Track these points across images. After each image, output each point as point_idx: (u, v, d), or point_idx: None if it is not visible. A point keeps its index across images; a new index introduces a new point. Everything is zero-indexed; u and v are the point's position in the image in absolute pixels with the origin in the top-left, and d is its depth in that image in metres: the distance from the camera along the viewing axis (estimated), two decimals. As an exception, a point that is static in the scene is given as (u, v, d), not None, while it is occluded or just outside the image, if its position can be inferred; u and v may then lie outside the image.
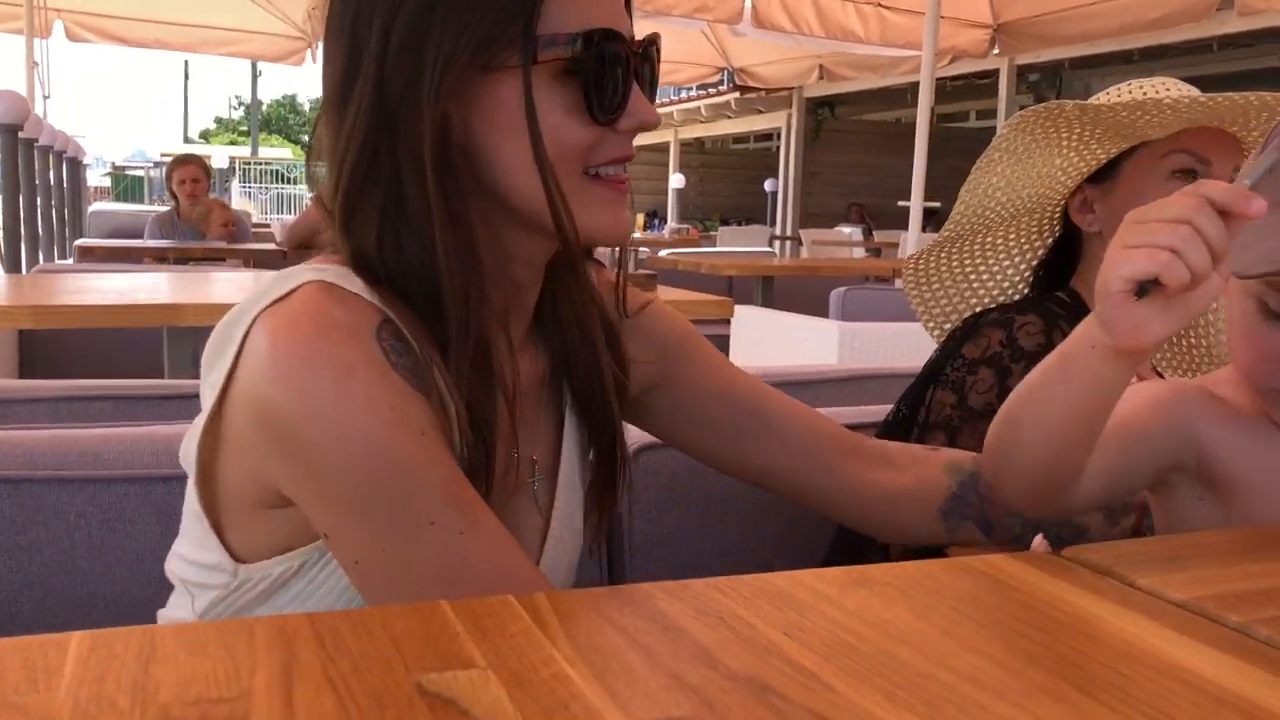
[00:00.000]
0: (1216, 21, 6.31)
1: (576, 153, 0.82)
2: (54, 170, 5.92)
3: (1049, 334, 1.27)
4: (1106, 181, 1.33)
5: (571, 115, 0.81)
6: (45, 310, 2.24)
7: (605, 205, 0.84)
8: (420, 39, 0.78)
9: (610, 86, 0.81)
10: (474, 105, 0.80)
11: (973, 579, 0.70)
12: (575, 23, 0.80)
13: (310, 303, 0.76)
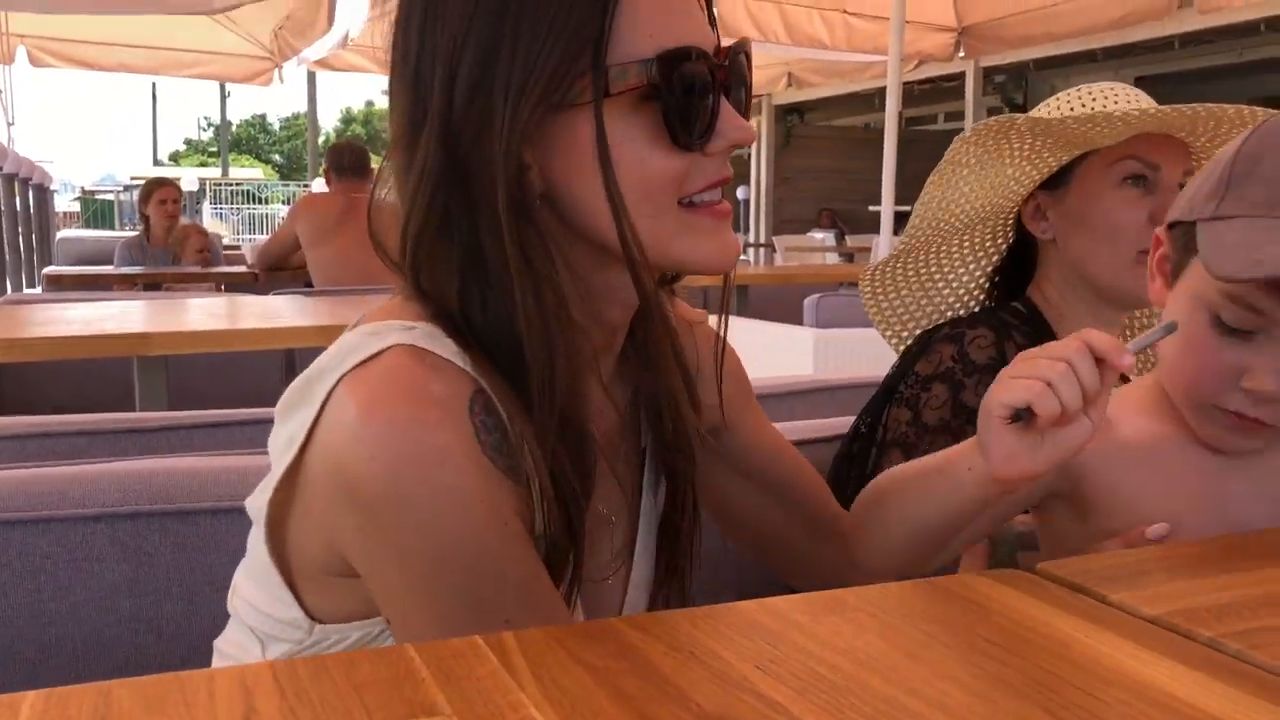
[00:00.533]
0: (1177, 20, 6.37)
1: (668, 184, 0.76)
2: (20, 198, 5.87)
3: (1000, 346, 1.28)
4: (1059, 189, 1.34)
5: (656, 145, 0.75)
6: (15, 343, 2.22)
7: (707, 234, 0.79)
8: (487, 84, 0.73)
9: (695, 109, 0.76)
10: (551, 147, 0.75)
11: (945, 600, 0.69)
12: (649, 45, 0.74)
13: (402, 371, 0.72)
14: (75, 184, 34.70)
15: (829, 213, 13.57)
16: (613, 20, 0.73)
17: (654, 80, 0.74)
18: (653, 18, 0.75)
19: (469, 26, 0.73)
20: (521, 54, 0.72)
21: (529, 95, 0.72)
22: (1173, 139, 1.28)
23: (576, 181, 0.75)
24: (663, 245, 0.77)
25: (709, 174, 0.78)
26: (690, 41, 0.76)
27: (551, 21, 0.72)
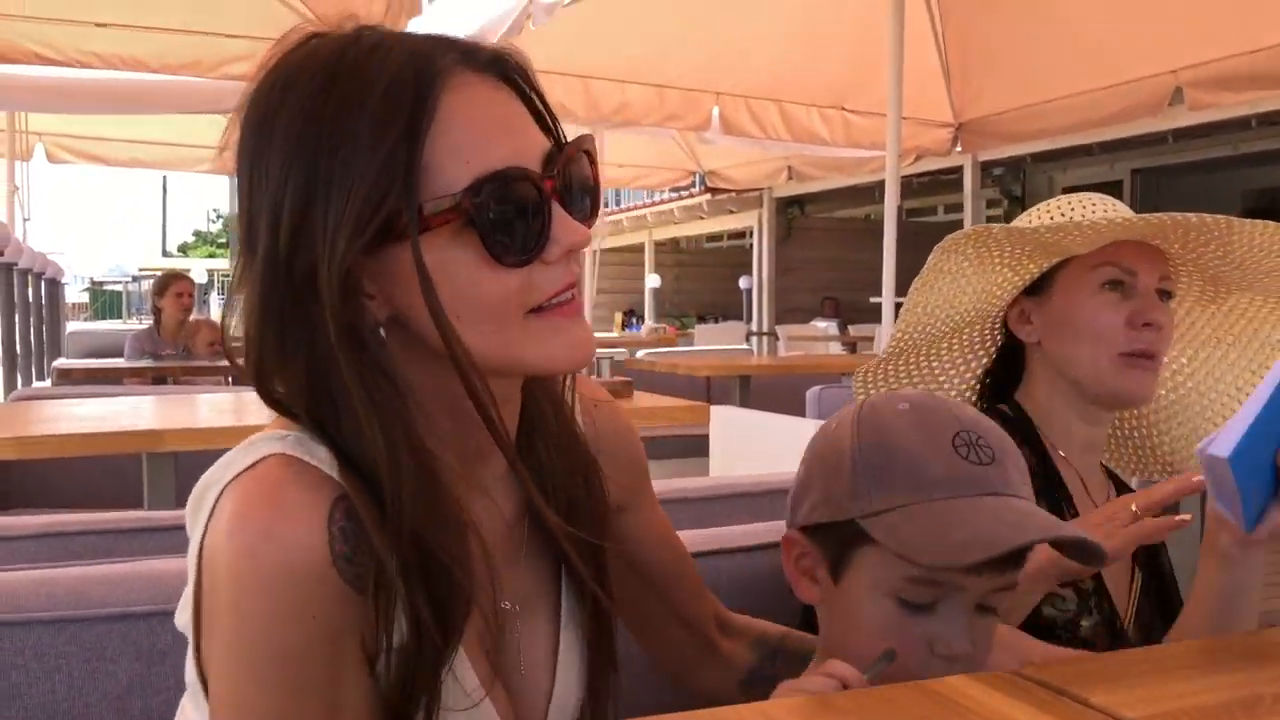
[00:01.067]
0: (1169, 116, 6.51)
1: (507, 302, 0.77)
2: (33, 291, 5.96)
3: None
4: (1042, 294, 1.39)
5: (485, 268, 0.76)
6: (27, 441, 2.26)
7: (555, 335, 0.79)
8: (308, 226, 0.75)
9: (518, 229, 0.76)
10: (389, 276, 0.77)
11: (932, 703, 0.72)
12: (465, 173, 0.75)
13: (268, 480, 0.74)
14: (84, 275, 35.09)
15: (832, 301, 13.69)
16: (421, 153, 0.75)
17: (468, 210, 0.75)
18: (468, 144, 0.76)
19: (288, 173, 0.75)
20: (336, 195, 0.74)
21: (344, 234, 0.74)
22: (1149, 245, 1.33)
23: (416, 306, 0.76)
24: (513, 356, 0.79)
25: (555, 282, 0.79)
26: (510, 161, 0.77)
27: (360, 162, 0.74)
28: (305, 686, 0.73)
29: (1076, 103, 6.29)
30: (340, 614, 0.73)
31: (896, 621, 0.90)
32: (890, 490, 0.90)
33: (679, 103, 6.52)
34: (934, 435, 0.91)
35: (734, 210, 13.68)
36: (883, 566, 0.90)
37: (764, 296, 13.30)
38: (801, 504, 0.96)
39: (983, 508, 0.88)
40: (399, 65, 0.76)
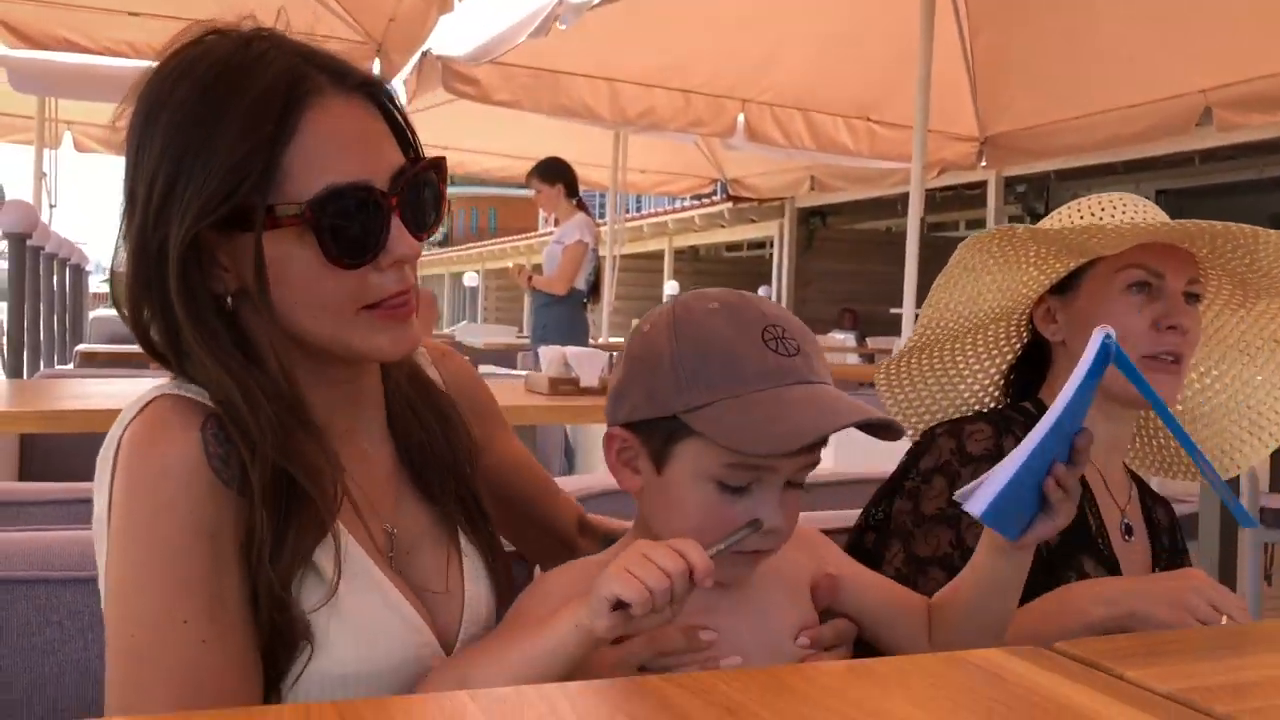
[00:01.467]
0: (1197, 136, 6.49)
1: (343, 298, 0.89)
2: (58, 277, 6.00)
3: (999, 439, 1.32)
4: (1068, 293, 1.39)
5: (323, 267, 0.87)
6: (51, 415, 2.28)
7: (382, 331, 0.92)
8: (168, 207, 0.86)
9: (354, 238, 0.87)
10: (237, 254, 0.88)
11: (966, 671, 0.73)
12: (317, 182, 0.86)
13: (152, 413, 0.87)
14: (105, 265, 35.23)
15: (851, 313, 13.67)
16: (280, 159, 0.85)
17: (311, 217, 0.86)
18: (323, 157, 0.87)
19: (165, 154, 0.86)
20: (197, 177, 0.85)
21: (194, 210, 0.85)
22: (1176, 248, 1.33)
23: (258, 293, 0.88)
24: (343, 343, 0.91)
25: (386, 286, 0.91)
26: (356, 176, 0.87)
27: (224, 153, 0.85)
28: (188, 581, 0.83)
29: (1104, 120, 6.28)
30: (215, 511, 0.84)
31: (717, 503, 0.97)
32: (710, 386, 0.95)
33: (704, 108, 6.53)
34: (745, 331, 0.97)
35: (755, 219, 13.68)
36: (704, 456, 0.96)
37: (783, 307, 13.30)
38: (623, 403, 1.02)
39: (795, 397, 0.95)
40: (275, 77, 0.87)
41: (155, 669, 0.82)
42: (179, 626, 0.82)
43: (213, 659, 0.82)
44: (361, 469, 0.97)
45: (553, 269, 5.56)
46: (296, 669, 0.85)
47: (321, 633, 0.86)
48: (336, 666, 0.86)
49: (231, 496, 0.85)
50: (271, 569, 0.85)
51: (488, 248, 21.70)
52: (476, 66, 5.53)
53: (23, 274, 4.42)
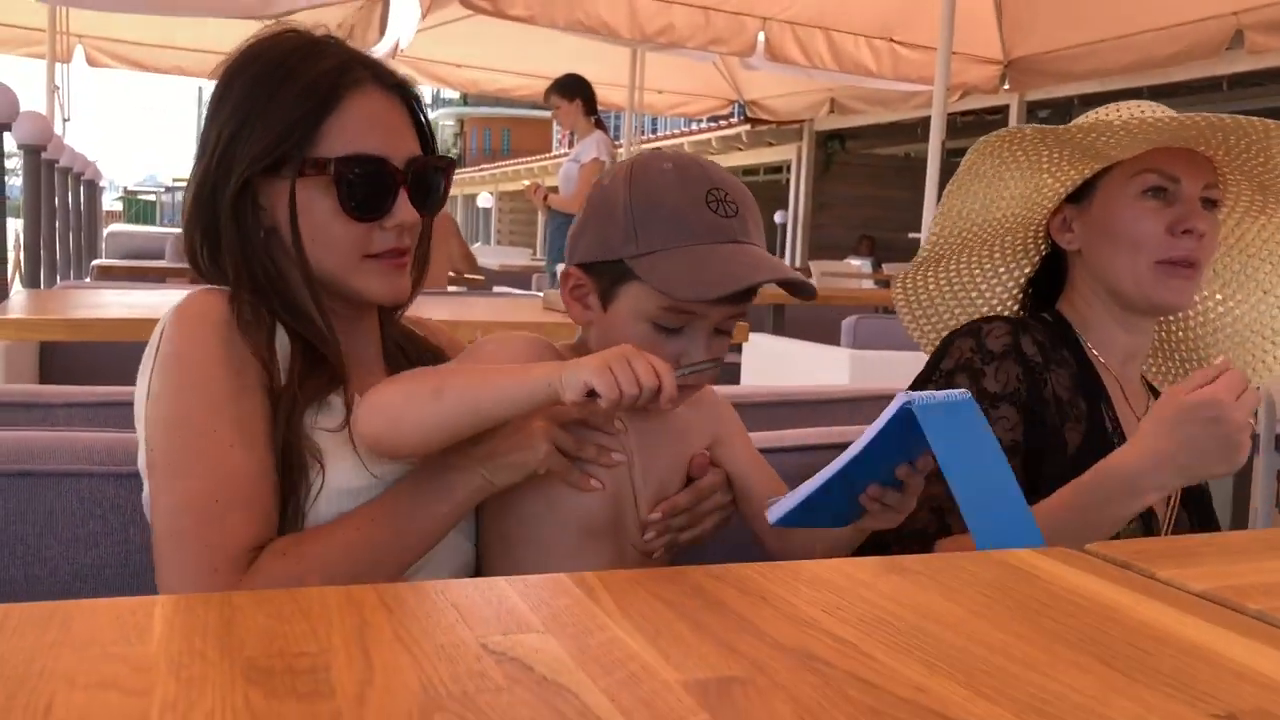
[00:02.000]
0: (1226, 60, 6.37)
1: (350, 244, 1.08)
2: (72, 192, 5.98)
3: (1016, 336, 1.32)
4: (1083, 201, 1.37)
5: (336, 215, 1.07)
6: (74, 323, 2.29)
7: (380, 279, 1.10)
8: (230, 151, 1.07)
9: (366, 198, 1.07)
10: (276, 195, 1.08)
11: (999, 569, 0.73)
12: (346, 147, 1.06)
13: (185, 300, 1.06)
14: (118, 184, 35.17)
15: (868, 240, 13.57)
16: (320, 127, 1.06)
17: (336, 171, 1.06)
18: (356, 130, 1.07)
19: (234, 112, 1.08)
20: (257, 131, 1.06)
21: (249, 155, 1.06)
22: (1193, 152, 1.31)
23: (285, 224, 1.08)
24: (344, 281, 1.10)
25: (386, 242, 1.10)
26: (379, 151, 1.08)
27: (279, 117, 1.06)
28: (215, 399, 0.99)
29: (1131, 43, 6.16)
30: (240, 354, 1.01)
31: (652, 340, 1.09)
32: (652, 236, 1.07)
33: (725, 26, 6.42)
34: (691, 191, 1.08)
35: (773, 142, 13.52)
36: (644, 298, 1.08)
37: (799, 232, 13.20)
38: (579, 245, 1.14)
39: (726, 253, 1.06)
40: (331, 65, 1.09)
41: (190, 470, 0.97)
42: (209, 434, 0.98)
43: (238, 462, 0.98)
44: (364, 380, 1.10)
45: (569, 188, 5.51)
46: (315, 485, 1.01)
47: (333, 454, 1.03)
48: (344, 481, 1.02)
49: (252, 352, 1.02)
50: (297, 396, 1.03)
51: (501, 169, 21.53)
52: (493, -21, 5.44)
53: (38, 187, 4.40)
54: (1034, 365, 1.31)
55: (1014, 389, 1.29)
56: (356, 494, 1.03)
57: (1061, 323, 1.39)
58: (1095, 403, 1.33)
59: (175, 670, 0.50)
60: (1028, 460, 1.29)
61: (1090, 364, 1.36)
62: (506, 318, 2.64)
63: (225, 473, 0.97)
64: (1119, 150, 1.29)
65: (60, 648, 0.52)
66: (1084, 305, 1.39)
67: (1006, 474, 0.87)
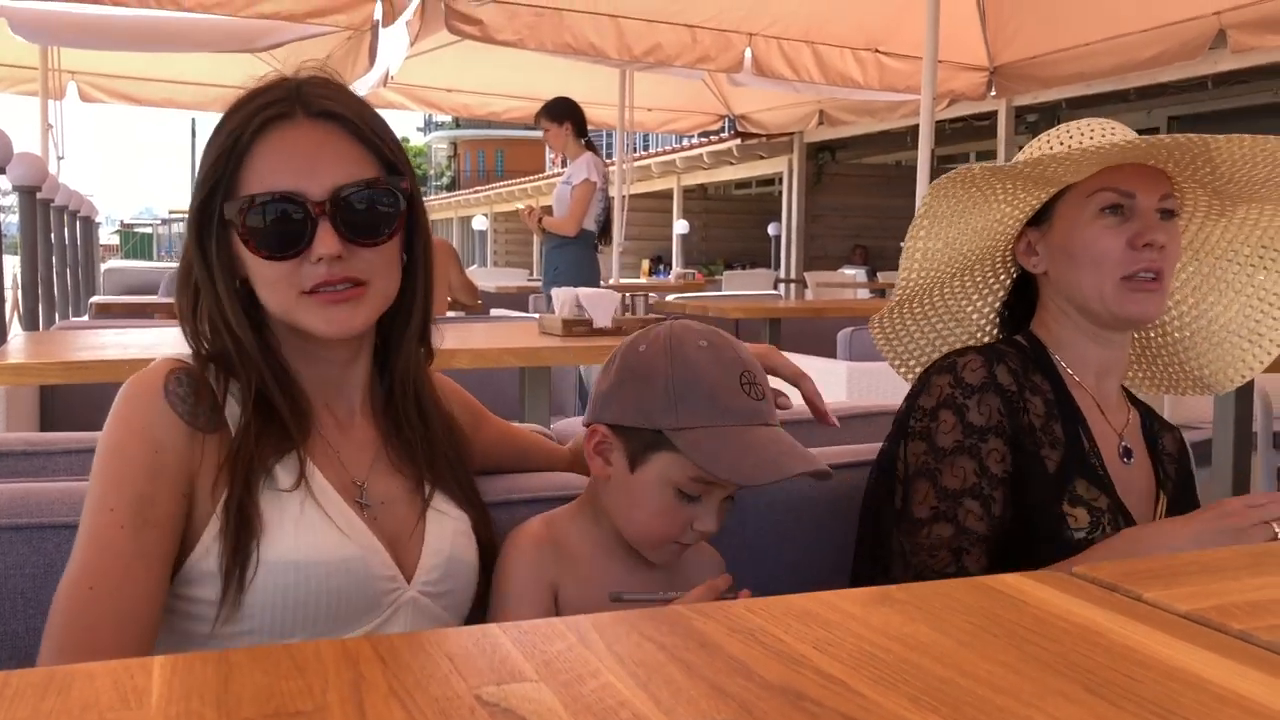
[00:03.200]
0: (1210, 60, 6.40)
1: (279, 282, 1.09)
2: (69, 229, 6.00)
3: (990, 366, 1.34)
4: (1044, 224, 1.39)
5: (259, 258, 1.08)
6: (72, 366, 2.30)
7: (317, 312, 1.09)
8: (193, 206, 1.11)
9: (278, 236, 1.07)
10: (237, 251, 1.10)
11: (987, 596, 0.74)
12: (257, 187, 1.07)
13: (145, 369, 1.08)
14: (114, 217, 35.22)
15: (862, 249, 13.61)
16: (238, 175, 1.08)
17: (240, 217, 1.07)
18: (264, 172, 1.08)
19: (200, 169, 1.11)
20: (196, 195, 1.10)
21: (195, 216, 1.10)
22: (1146, 166, 1.32)
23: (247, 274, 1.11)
24: (292, 319, 1.10)
25: (316, 276, 1.08)
26: (290, 187, 1.07)
27: (206, 177, 1.09)
28: (121, 476, 1.02)
29: (1115, 45, 6.19)
30: (164, 433, 1.03)
31: (672, 505, 1.16)
32: (694, 412, 1.13)
33: (711, 43, 6.46)
34: (727, 371, 1.15)
35: (764, 155, 13.56)
36: (674, 467, 1.14)
37: (793, 243, 13.23)
38: (611, 405, 1.18)
39: (761, 436, 1.14)
40: (250, 111, 1.09)
41: (81, 539, 1.01)
42: (105, 512, 1.00)
43: (124, 543, 0.99)
44: (338, 432, 1.16)
45: (562, 210, 5.53)
46: (254, 556, 1.02)
47: (275, 524, 1.04)
48: (286, 554, 1.04)
49: (182, 426, 1.04)
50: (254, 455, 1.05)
51: (495, 190, 21.58)
52: (479, 6, 5.47)
53: (34, 227, 4.42)
54: (1010, 394, 1.33)
55: (997, 420, 1.31)
56: (300, 568, 1.04)
57: (1035, 345, 1.41)
58: (1071, 424, 1.35)
59: (174, 733, 0.50)
60: (1014, 488, 1.31)
61: (1065, 387, 1.38)
62: (503, 343, 2.65)
63: (107, 553, 0.99)
64: (1069, 175, 1.31)
65: (60, 715, 0.52)
66: (1055, 325, 1.41)
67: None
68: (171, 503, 1.03)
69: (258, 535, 1.03)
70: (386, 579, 1.10)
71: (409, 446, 1.20)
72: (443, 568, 1.15)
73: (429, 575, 1.14)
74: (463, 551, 1.19)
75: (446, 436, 1.25)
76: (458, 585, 1.18)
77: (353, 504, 1.12)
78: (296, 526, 1.05)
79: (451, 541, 1.18)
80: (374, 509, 1.14)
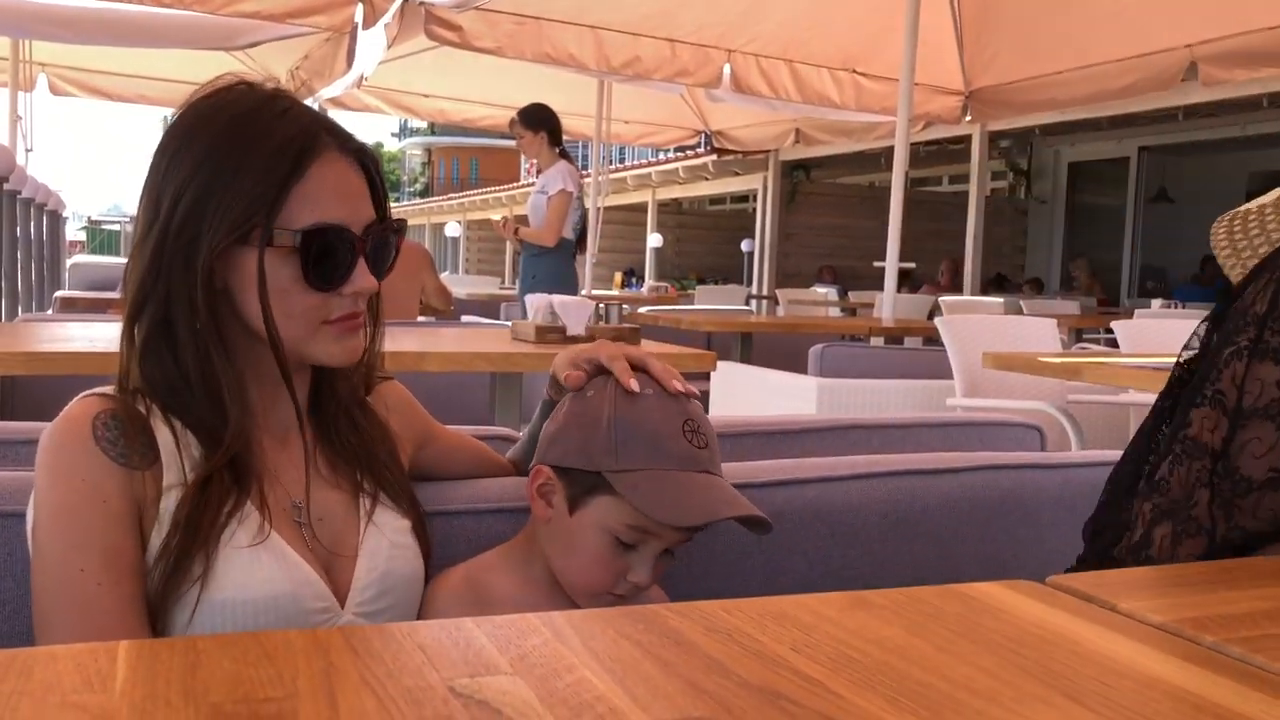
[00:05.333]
0: (1181, 92, 6.49)
1: (309, 312, 1.08)
2: (35, 223, 5.93)
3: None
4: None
5: (297, 284, 1.07)
6: (36, 357, 2.27)
7: (335, 342, 1.11)
8: (195, 219, 1.04)
9: (328, 266, 1.07)
10: (233, 268, 1.07)
11: (963, 603, 0.74)
12: (310, 216, 1.06)
13: (62, 415, 1.04)
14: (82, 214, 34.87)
15: (830, 269, 13.67)
16: (287, 196, 1.05)
17: (299, 243, 1.06)
18: (319, 199, 1.07)
19: (197, 171, 1.05)
20: (226, 199, 1.04)
21: (224, 227, 1.04)
22: None
23: (248, 295, 1.07)
24: (301, 349, 1.10)
25: (344, 308, 1.10)
26: (342, 220, 1.08)
27: (248, 186, 1.04)
28: (82, 536, 0.98)
29: (1089, 74, 6.27)
30: (104, 480, 1.00)
31: (607, 552, 1.14)
32: (635, 455, 1.12)
33: (690, 58, 6.49)
34: (670, 419, 1.15)
35: (739, 172, 13.62)
36: (613, 512, 1.12)
37: (765, 260, 13.28)
38: (555, 447, 1.18)
39: (700, 482, 1.13)
40: (295, 130, 1.07)
41: (57, 608, 0.97)
42: (78, 575, 0.97)
43: (109, 601, 0.97)
44: (275, 452, 1.14)
45: (538, 220, 5.51)
46: (191, 598, 1.00)
47: (211, 565, 1.02)
48: (218, 593, 1.01)
49: (118, 470, 1.01)
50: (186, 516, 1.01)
51: (469, 198, 21.53)
52: (459, 13, 5.47)
53: None
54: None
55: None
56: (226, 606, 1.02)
57: None
58: None
59: (138, 717, 0.49)
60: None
61: None
62: (474, 348, 2.64)
63: (91, 612, 0.97)
64: None
65: (20, 696, 0.51)
66: None
67: None
68: (135, 548, 1.01)
69: (200, 579, 1.01)
70: (318, 611, 1.08)
71: (343, 454, 1.19)
72: (377, 585, 1.13)
73: (363, 595, 1.12)
74: (400, 565, 1.17)
75: (381, 437, 1.24)
76: (396, 600, 1.15)
77: (291, 525, 1.11)
78: (227, 565, 1.03)
79: (388, 556, 1.16)
80: (312, 527, 1.13)
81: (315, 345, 1.10)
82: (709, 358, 2.83)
